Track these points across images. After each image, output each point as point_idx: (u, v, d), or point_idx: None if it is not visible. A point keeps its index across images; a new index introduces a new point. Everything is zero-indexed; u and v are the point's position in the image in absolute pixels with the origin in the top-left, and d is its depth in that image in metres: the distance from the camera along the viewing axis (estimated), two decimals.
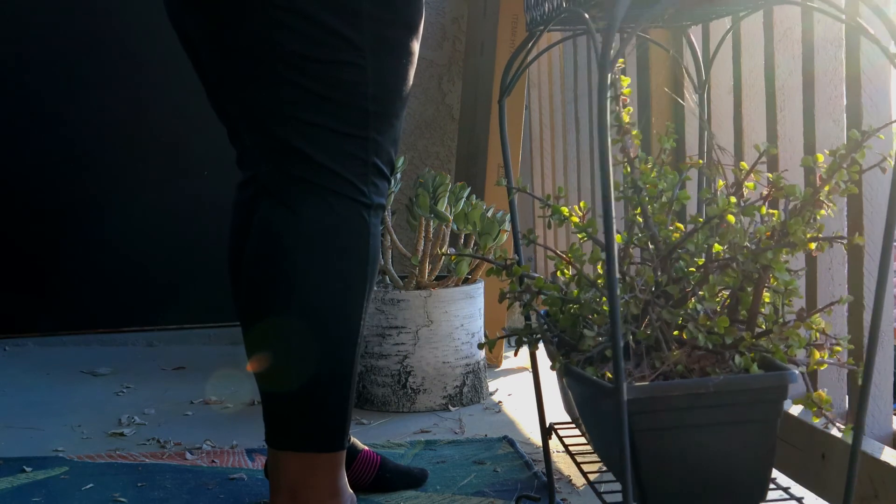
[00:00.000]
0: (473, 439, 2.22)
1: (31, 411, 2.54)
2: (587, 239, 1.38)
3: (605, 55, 1.07)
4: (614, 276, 1.10)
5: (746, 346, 1.22)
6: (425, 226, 2.52)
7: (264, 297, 1.52)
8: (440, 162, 3.56)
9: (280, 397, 1.54)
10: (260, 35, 1.48)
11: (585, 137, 3.04)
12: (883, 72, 1.55)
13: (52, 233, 3.42)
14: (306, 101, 1.50)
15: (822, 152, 1.37)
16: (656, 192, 1.33)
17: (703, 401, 1.16)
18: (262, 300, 1.53)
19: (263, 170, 1.56)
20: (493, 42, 3.04)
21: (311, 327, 1.50)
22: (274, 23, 1.47)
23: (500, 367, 2.95)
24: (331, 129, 1.51)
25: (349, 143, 1.52)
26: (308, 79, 1.49)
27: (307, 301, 1.50)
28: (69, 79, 3.39)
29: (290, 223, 1.51)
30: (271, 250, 1.52)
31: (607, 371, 1.23)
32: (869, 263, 1.58)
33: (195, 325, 3.43)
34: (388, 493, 1.86)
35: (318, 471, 1.53)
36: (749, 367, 1.20)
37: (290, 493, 1.53)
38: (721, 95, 2.00)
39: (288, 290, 1.50)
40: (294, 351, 1.52)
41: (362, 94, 1.51)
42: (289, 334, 1.51)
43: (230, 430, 2.31)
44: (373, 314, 2.49)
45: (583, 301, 1.31)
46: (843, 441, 1.58)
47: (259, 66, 1.49)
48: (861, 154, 1.20)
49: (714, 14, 1.50)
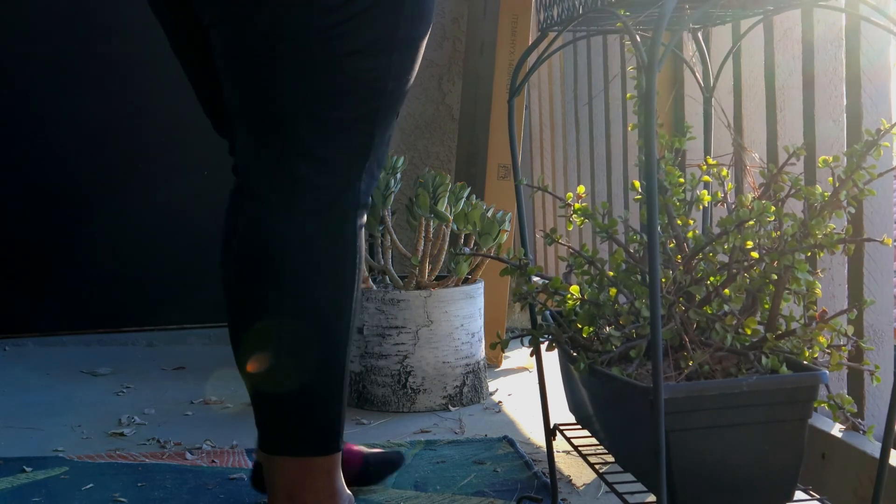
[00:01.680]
0: (473, 439, 2.22)
1: (31, 411, 2.54)
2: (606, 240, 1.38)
3: (653, 55, 1.06)
4: (657, 276, 1.09)
5: (769, 347, 1.23)
6: (425, 226, 2.52)
7: (258, 299, 1.50)
8: (440, 162, 3.56)
9: (275, 402, 1.53)
10: (304, 21, 1.41)
11: (585, 137, 3.04)
12: (883, 72, 1.56)
13: (52, 233, 3.42)
14: (330, 95, 1.45)
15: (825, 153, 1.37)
16: (682, 193, 1.34)
17: (736, 400, 1.17)
18: (256, 302, 1.50)
19: (255, 165, 1.51)
20: (493, 42, 3.04)
21: (306, 328, 1.49)
22: (322, 9, 1.41)
23: (500, 367, 2.95)
24: (343, 125, 1.47)
25: (356, 139, 1.48)
26: (342, 72, 1.44)
27: (303, 302, 1.48)
28: (69, 78, 3.39)
29: (283, 222, 1.48)
30: (263, 251, 1.49)
31: (631, 372, 1.23)
32: (869, 263, 1.58)
33: (195, 325, 3.43)
34: (387, 493, 1.86)
35: (316, 474, 1.52)
36: (777, 368, 1.21)
37: (287, 498, 1.52)
38: (721, 95, 2.00)
39: (283, 292, 1.48)
40: (289, 353, 1.51)
41: (381, 89, 1.47)
42: (284, 336, 1.50)
43: (230, 430, 2.31)
44: (373, 314, 2.49)
45: (602, 301, 1.31)
46: (844, 441, 1.58)
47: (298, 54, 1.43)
48: (877, 153, 1.20)
49: (729, 17, 1.50)
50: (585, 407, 1.38)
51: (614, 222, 1.37)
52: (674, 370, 1.21)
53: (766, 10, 1.44)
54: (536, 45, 1.50)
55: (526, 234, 1.57)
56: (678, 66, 2.19)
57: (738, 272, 1.26)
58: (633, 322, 1.27)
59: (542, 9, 1.52)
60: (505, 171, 2.98)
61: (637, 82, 1.34)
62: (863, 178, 1.22)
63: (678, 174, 1.36)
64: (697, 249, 1.29)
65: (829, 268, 1.70)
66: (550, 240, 1.42)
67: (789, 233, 1.24)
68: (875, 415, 1.60)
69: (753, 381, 1.17)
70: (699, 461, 1.18)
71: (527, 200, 3.51)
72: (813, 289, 1.24)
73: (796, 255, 1.22)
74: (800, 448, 1.20)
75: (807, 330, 1.24)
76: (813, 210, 1.24)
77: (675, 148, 1.41)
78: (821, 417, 1.66)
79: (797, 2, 1.39)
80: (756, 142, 1.93)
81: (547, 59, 1.50)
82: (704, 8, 1.22)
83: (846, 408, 1.23)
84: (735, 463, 1.19)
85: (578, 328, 1.35)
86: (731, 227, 1.27)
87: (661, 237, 1.32)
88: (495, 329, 2.92)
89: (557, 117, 3.34)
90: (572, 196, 1.42)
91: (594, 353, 1.29)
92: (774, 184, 1.30)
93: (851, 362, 1.28)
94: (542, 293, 1.38)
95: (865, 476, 1.50)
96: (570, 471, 2.00)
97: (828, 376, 1.19)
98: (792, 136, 1.79)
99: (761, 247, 1.26)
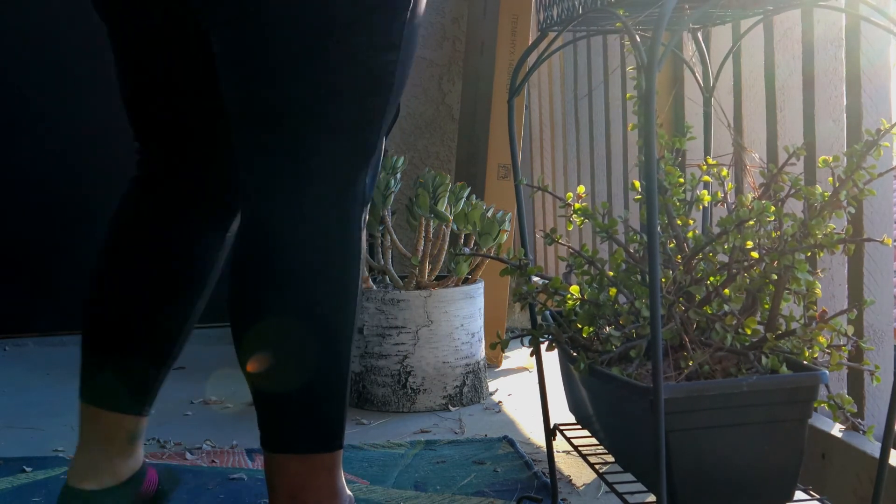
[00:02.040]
0: (473, 439, 2.22)
1: (31, 411, 2.54)
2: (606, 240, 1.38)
3: (652, 55, 1.06)
4: (657, 276, 1.10)
5: (769, 347, 1.23)
6: (425, 226, 2.52)
7: (260, 298, 1.50)
8: (440, 162, 3.56)
9: (279, 399, 1.53)
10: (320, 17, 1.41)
11: (585, 137, 3.04)
12: (883, 72, 1.56)
13: (52, 233, 3.42)
14: (341, 91, 1.44)
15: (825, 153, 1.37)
16: (682, 193, 1.34)
17: (736, 400, 1.17)
18: (259, 302, 1.50)
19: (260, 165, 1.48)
20: (493, 42, 3.04)
21: (311, 325, 1.49)
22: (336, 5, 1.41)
23: (500, 367, 2.95)
24: (351, 121, 1.46)
25: (363, 135, 1.47)
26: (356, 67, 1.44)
27: (307, 300, 1.48)
28: (68, 79, 3.39)
29: (287, 221, 1.48)
30: (267, 250, 1.49)
31: (631, 372, 1.23)
32: (869, 263, 1.58)
33: (195, 325, 3.43)
34: (387, 493, 1.86)
35: (319, 472, 1.52)
36: (777, 368, 1.21)
37: (289, 497, 1.52)
38: (721, 95, 2.00)
39: (287, 290, 1.48)
40: (292, 351, 1.51)
41: (389, 84, 1.47)
42: (286, 335, 1.50)
43: (230, 430, 2.31)
44: (373, 314, 2.49)
45: (602, 301, 1.31)
46: (843, 441, 1.58)
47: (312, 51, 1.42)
48: (878, 153, 1.20)
49: (729, 17, 1.50)
50: (585, 407, 1.38)
51: (614, 222, 1.37)
52: (674, 370, 1.21)
53: (766, 10, 1.44)
54: (536, 44, 1.50)
55: (526, 234, 1.57)
56: (678, 66, 2.19)
57: (738, 272, 1.27)
58: (633, 322, 1.27)
59: (542, 9, 1.52)
60: (505, 171, 2.99)
61: (637, 82, 1.34)
62: (863, 178, 1.22)
63: (678, 174, 1.36)
64: (697, 249, 1.29)
65: (829, 268, 1.70)
66: (550, 240, 1.42)
67: (789, 233, 1.24)
68: (875, 415, 1.60)
69: (753, 381, 1.17)
70: (699, 461, 1.18)
71: (527, 200, 3.51)
72: (813, 289, 1.24)
73: (796, 255, 1.22)
74: (800, 448, 1.20)
75: (807, 330, 1.24)
76: (813, 210, 1.24)
77: (675, 148, 1.41)
78: (821, 417, 1.66)
79: (797, 2, 1.39)
80: (756, 142, 1.93)
81: (547, 58, 1.50)
82: (704, 8, 1.22)
83: (846, 408, 1.23)
84: (735, 463, 1.19)
85: (578, 328, 1.35)
86: (731, 227, 1.27)
87: (661, 237, 1.32)
88: (495, 329, 2.92)
89: (557, 117, 3.34)
90: (572, 196, 1.42)
91: (594, 353, 1.29)
92: (774, 184, 1.30)
93: (851, 362, 1.28)
94: (542, 293, 1.38)
95: (865, 476, 1.50)
96: (570, 471, 2.00)
97: (828, 376, 1.19)
98: (792, 136, 1.79)
99: (761, 247, 1.26)
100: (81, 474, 1.64)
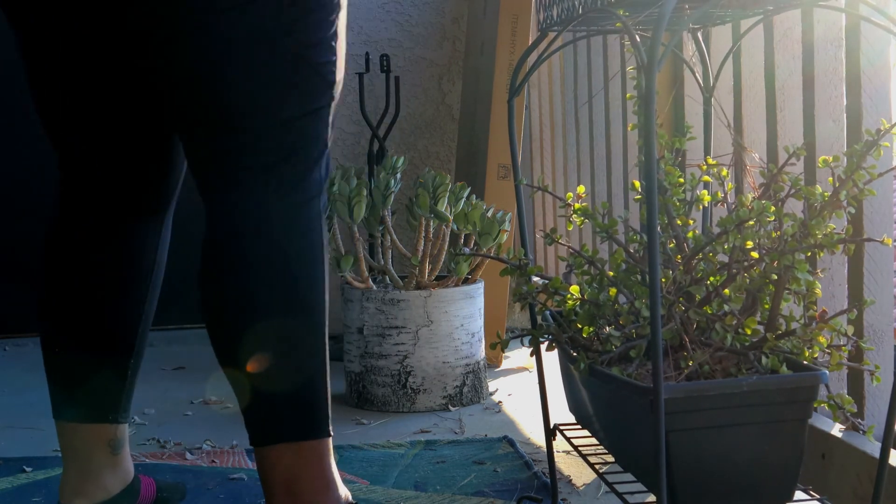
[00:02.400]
0: (473, 439, 2.22)
1: (31, 411, 2.54)
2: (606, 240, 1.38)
3: (652, 55, 1.06)
4: (657, 276, 1.10)
5: (769, 347, 1.23)
6: (425, 226, 2.52)
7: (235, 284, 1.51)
8: (440, 162, 3.56)
9: (265, 389, 1.53)
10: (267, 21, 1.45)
11: (585, 137, 3.04)
12: (883, 72, 1.56)
13: None
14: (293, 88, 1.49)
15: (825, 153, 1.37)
16: (682, 193, 1.34)
17: (736, 400, 1.17)
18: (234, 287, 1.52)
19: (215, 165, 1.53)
20: (493, 42, 3.04)
21: (284, 306, 1.50)
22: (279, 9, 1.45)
23: (500, 367, 2.95)
24: (305, 116, 1.51)
25: (314, 128, 1.52)
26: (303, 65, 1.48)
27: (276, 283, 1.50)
28: None
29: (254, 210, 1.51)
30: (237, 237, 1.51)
31: (631, 372, 1.23)
32: (869, 263, 1.58)
33: (195, 325, 3.43)
34: (388, 493, 1.86)
35: (312, 460, 1.53)
36: (777, 368, 1.21)
37: (285, 489, 1.52)
38: (721, 95, 2.00)
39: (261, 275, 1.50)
40: (269, 334, 1.52)
41: (334, 80, 1.52)
42: (263, 319, 1.51)
43: (230, 430, 2.31)
44: (373, 314, 2.49)
45: (602, 301, 1.31)
46: (843, 441, 1.58)
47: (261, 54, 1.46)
48: (878, 153, 1.20)
49: (729, 17, 1.50)
50: (585, 407, 1.38)
51: (614, 222, 1.37)
52: (674, 370, 1.21)
53: (766, 10, 1.44)
54: (536, 45, 1.50)
55: (526, 234, 1.57)
56: (678, 66, 2.19)
57: (738, 272, 1.27)
58: (633, 322, 1.27)
59: (542, 9, 1.52)
60: (505, 171, 2.99)
61: (637, 82, 1.34)
62: (863, 178, 1.22)
63: (678, 174, 1.36)
64: (697, 249, 1.29)
65: (829, 268, 1.70)
66: (550, 240, 1.42)
67: (789, 233, 1.24)
68: (875, 415, 1.60)
69: (753, 381, 1.17)
70: (699, 461, 1.18)
71: (527, 200, 3.51)
72: (813, 289, 1.24)
73: (796, 255, 1.22)
74: (800, 448, 1.20)
75: (807, 330, 1.24)
76: (813, 210, 1.24)
77: (675, 148, 1.41)
78: (821, 417, 1.66)
79: (797, 2, 1.39)
80: (756, 142, 1.93)
81: (547, 59, 1.50)
82: (704, 8, 1.22)
83: (846, 408, 1.23)
84: (735, 463, 1.19)
85: (578, 328, 1.35)
86: (731, 227, 1.27)
87: (661, 237, 1.32)
88: (495, 329, 2.92)
89: (557, 117, 3.34)
90: (572, 196, 1.42)
91: (594, 353, 1.29)
92: (774, 184, 1.30)
93: (851, 362, 1.28)
94: (542, 293, 1.38)
95: (865, 476, 1.50)
96: (570, 471, 2.00)
97: (828, 376, 1.19)
98: (792, 136, 1.79)
99: (761, 247, 1.26)
100: (71, 493, 1.63)
